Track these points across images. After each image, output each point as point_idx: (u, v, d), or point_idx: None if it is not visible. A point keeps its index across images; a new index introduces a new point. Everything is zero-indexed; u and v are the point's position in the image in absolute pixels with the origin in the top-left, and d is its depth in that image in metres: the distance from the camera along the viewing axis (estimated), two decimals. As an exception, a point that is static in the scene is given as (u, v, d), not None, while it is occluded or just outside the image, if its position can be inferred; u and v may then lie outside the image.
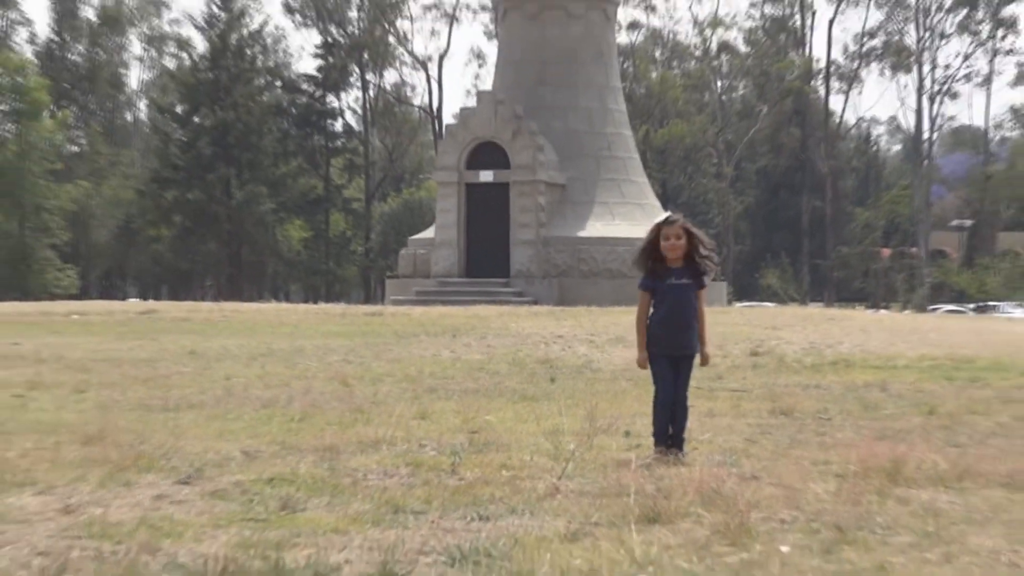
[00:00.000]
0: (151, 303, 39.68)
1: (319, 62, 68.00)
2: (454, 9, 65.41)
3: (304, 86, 68.15)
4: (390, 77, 70.62)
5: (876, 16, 67.41)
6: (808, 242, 65.89)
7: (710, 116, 68.91)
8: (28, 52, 69.55)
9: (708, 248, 8.20)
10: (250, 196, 60.32)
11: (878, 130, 79.59)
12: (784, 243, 66.44)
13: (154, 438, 9.38)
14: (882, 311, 49.85)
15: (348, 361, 18.01)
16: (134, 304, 38.12)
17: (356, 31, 67.35)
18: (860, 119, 76.79)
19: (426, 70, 69.01)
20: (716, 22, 67.61)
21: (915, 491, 7.24)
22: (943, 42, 68.57)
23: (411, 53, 69.58)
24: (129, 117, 72.84)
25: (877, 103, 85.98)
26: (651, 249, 8.33)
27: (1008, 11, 66.81)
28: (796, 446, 9.59)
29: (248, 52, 64.55)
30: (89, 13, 70.10)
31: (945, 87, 70.05)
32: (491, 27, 53.36)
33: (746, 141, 68.36)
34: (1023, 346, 22.69)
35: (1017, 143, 73.97)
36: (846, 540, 5.50)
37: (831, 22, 67.79)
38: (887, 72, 70.11)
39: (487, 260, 37.94)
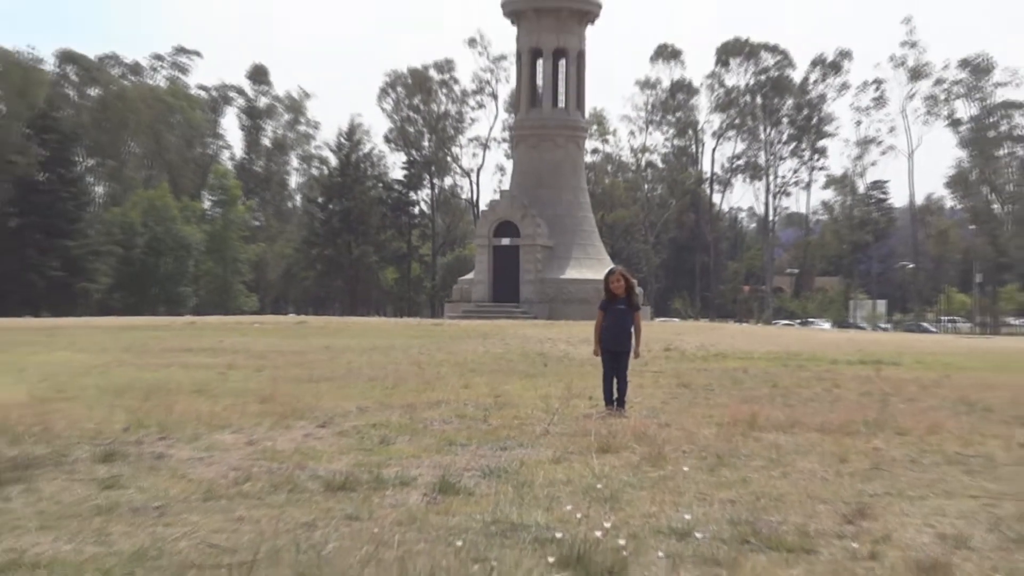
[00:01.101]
0: (303, 317, 53.31)
1: (405, 172, 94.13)
2: (486, 141, 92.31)
3: (395, 186, 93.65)
4: (447, 181, 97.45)
5: (741, 146, 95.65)
6: (699, 282, 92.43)
7: (640, 206, 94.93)
8: (229, 164, 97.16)
9: (636, 286, 13.46)
10: (362, 253, 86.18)
11: (742, 215, 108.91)
12: (685, 283, 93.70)
13: (303, 399, 13.28)
14: (744, 324, 67.69)
15: (421, 353, 23.48)
16: (292, 318, 50.53)
17: (427, 153, 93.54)
18: (731, 208, 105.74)
19: (469, 177, 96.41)
20: (644, 149, 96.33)
21: (764, 434, 10.54)
22: (781, 162, 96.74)
23: (460, 167, 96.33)
24: (289, 204, 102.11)
25: (742, 198, 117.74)
26: (605, 287, 12.71)
27: (821, 143, 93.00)
28: (692, 406, 13.30)
29: (362, 165, 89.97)
30: (266, 141, 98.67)
31: (782, 189, 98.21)
32: (509, 151, 74.80)
33: (662, 221, 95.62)
34: (828, 345, 32.96)
35: (825, 224, 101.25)
36: (722, 464, 8.46)
37: (714, 149, 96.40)
38: (748, 180, 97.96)
39: (505, 292, 52.32)
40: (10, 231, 66.87)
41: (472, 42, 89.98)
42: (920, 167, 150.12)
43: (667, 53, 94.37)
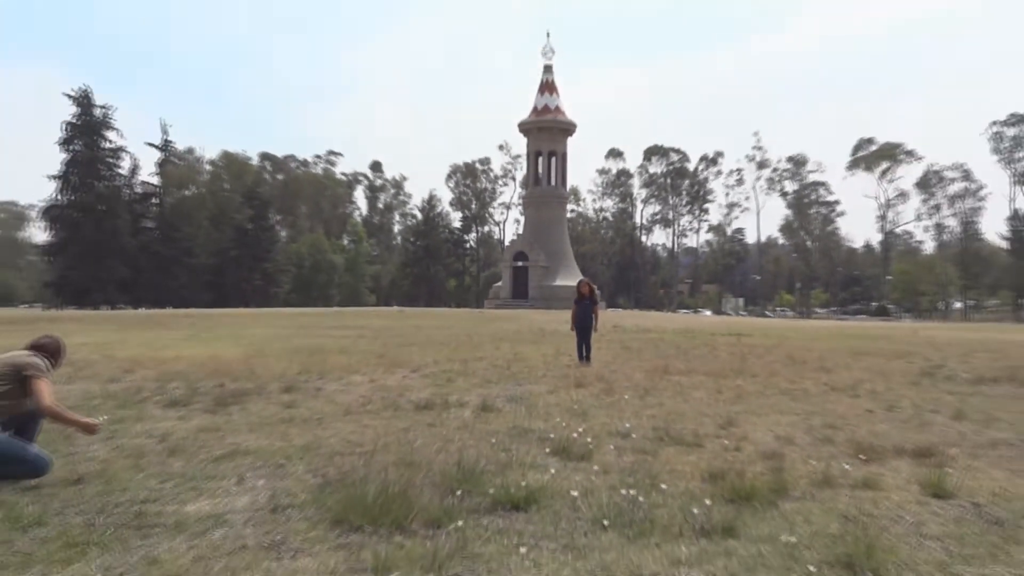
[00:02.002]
0: (401, 309, 60.17)
1: (461, 223, 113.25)
2: (509, 204, 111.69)
3: (455, 231, 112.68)
4: (486, 228, 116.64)
5: (658, 207, 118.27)
6: (633, 288, 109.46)
7: (598, 243, 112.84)
8: (358, 218, 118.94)
9: (596, 289, 15.50)
10: (436, 271, 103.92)
11: (659, 248, 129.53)
12: (625, 288, 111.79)
13: (402, 356, 15.76)
14: (660, 312, 76.16)
15: (469, 329, 26.77)
16: (395, 309, 54.98)
17: (474, 211, 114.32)
18: (652, 244, 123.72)
19: (499, 226, 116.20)
20: (601, 209, 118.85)
21: (672, 377, 12.66)
22: (681, 217, 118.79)
23: (493, 220, 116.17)
24: (394, 242, 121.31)
25: (658, 238, 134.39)
26: (577, 290, 15.38)
27: (705, 206, 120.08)
28: (630, 360, 15.55)
29: (436, 219, 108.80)
30: (380, 204, 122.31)
31: (682, 233, 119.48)
32: (522, 211, 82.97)
33: (611, 252, 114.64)
34: (708, 324, 38.34)
35: (708, 254, 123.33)
36: (648, 394, 10.41)
37: (642, 210, 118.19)
38: (662, 227, 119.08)
39: (520, 293, 62.93)
40: (231, 258, 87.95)
41: (500, 147, 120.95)
42: (764, 220, 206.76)
43: (614, 153, 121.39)
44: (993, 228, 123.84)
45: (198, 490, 5.35)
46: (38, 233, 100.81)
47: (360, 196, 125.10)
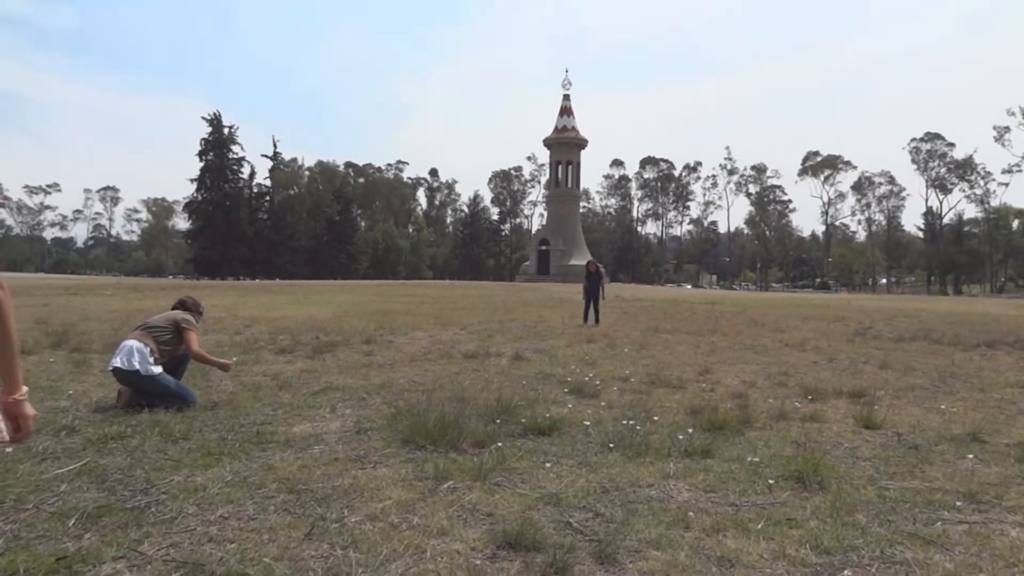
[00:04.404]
0: (453, 282, 56.33)
1: (498, 216, 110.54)
2: (535, 202, 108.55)
3: (494, 222, 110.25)
4: (518, 221, 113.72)
5: (650, 205, 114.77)
6: (631, 266, 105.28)
7: (604, 232, 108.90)
8: (421, 212, 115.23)
9: (602, 268, 15.23)
10: (479, 253, 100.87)
11: (651, 237, 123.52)
12: (625, 266, 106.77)
13: (453, 317, 15.49)
14: (651, 286, 74.28)
15: (504, 298, 25.44)
16: (447, 282, 51.98)
17: (508, 207, 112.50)
18: (646, 233, 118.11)
19: (528, 218, 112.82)
20: (606, 206, 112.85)
21: (661, 335, 12.32)
22: (668, 213, 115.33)
23: (524, 215, 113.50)
24: (448, 231, 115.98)
25: (651, 229, 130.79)
26: (587, 268, 15.38)
27: (688, 204, 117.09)
28: (629, 322, 15.13)
29: (480, 214, 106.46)
30: (436, 201, 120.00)
31: (669, 225, 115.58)
32: (545, 207, 78.13)
33: (613, 239, 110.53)
34: (689, 295, 36.38)
35: (689, 241, 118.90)
36: (643, 348, 10.18)
37: (638, 207, 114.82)
38: (653, 221, 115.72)
39: (543, 270, 60.13)
40: (324, 242, 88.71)
41: (529, 158, 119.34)
42: (733, 215, 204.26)
43: (617, 162, 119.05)
44: (911, 221, 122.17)
45: (301, 416, 5.39)
46: (181, 222, 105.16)
47: (421, 195, 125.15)
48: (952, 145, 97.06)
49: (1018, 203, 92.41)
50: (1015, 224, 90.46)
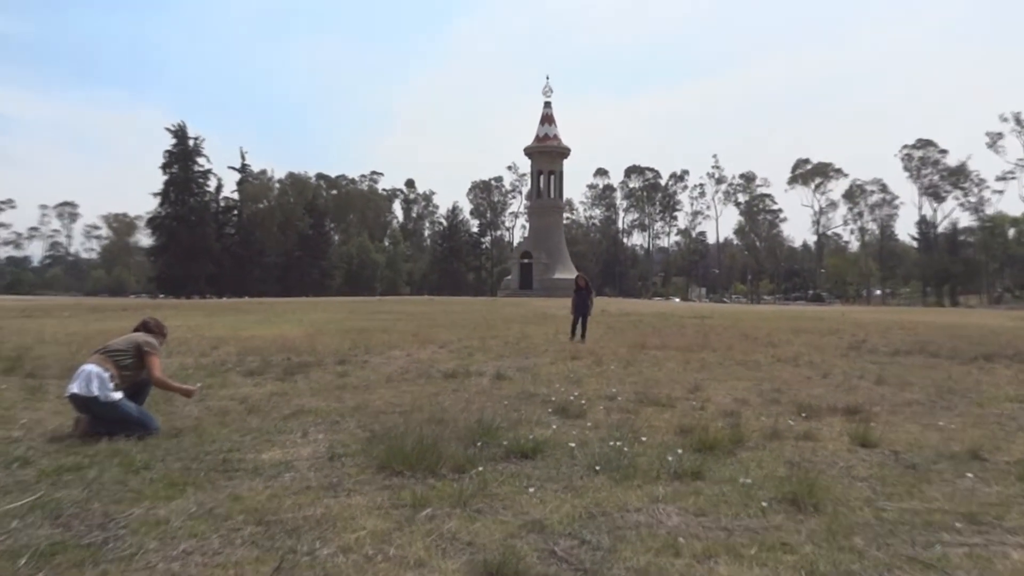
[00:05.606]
0: (431, 297, 58.94)
1: (478, 228, 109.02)
2: (516, 213, 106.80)
3: (474, 235, 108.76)
4: (499, 233, 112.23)
5: (636, 215, 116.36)
6: (617, 280, 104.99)
7: (588, 244, 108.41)
8: (396, 225, 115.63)
9: (589, 282, 15.64)
10: (458, 267, 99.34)
11: (637, 248, 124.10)
12: (611, 280, 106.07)
13: (431, 334, 15.38)
14: (639, 299, 73.49)
15: (485, 314, 25.34)
16: (426, 298, 53.12)
17: (489, 219, 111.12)
18: (631, 244, 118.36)
19: (509, 231, 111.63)
20: (590, 217, 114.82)
21: (649, 351, 12.25)
22: (655, 223, 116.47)
23: (504, 226, 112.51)
24: (425, 244, 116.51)
25: (636, 240, 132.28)
26: (575, 282, 15.33)
27: (675, 214, 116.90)
28: (616, 338, 15.14)
29: (459, 226, 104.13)
30: (413, 213, 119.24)
31: (655, 236, 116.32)
32: (527, 219, 78.95)
33: (599, 251, 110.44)
34: (678, 309, 36.93)
35: (677, 252, 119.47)
36: (630, 365, 10.15)
37: (623, 218, 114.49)
38: (639, 231, 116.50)
39: (526, 284, 59.87)
40: (295, 258, 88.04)
41: (509, 167, 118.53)
42: (722, 225, 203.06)
43: (601, 171, 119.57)
44: (905, 230, 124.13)
45: (271, 442, 5.37)
46: (144, 238, 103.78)
47: (397, 207, 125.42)
48: (945, 152, 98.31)
49: (1013, 211, 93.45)
50: (1011, 233, 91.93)
